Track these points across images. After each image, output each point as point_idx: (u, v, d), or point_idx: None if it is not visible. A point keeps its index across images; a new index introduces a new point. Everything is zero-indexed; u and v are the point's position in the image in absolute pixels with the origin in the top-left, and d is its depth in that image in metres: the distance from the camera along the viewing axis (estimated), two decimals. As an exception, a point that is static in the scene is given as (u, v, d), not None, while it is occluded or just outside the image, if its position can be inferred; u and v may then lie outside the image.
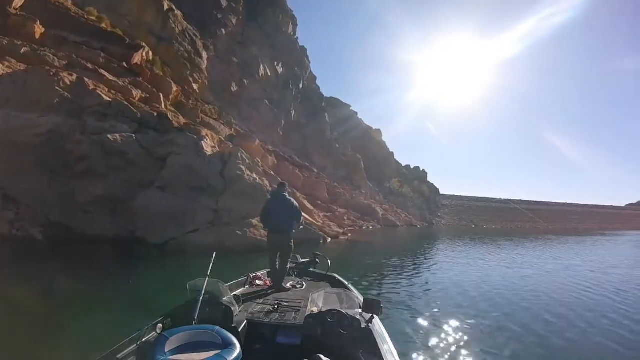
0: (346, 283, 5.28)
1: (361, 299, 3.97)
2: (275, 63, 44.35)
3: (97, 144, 13.72)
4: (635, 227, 73.73)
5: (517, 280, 12.07)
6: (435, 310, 7.56)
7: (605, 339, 6.60)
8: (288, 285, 5.07)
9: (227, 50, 37.09)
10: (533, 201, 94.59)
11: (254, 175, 16.66)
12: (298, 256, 6.08)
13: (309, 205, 25.50)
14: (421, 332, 6.14)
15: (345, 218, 31.78)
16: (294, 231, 5.45)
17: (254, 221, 15.52)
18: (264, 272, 5.54)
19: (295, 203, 5.47)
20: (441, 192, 68.78)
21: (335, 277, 5.59)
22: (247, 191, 15.70)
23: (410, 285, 10.25)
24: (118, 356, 2.59)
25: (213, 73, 33.95)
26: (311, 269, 6.02)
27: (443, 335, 6.00)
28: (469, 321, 6.90)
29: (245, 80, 37.45)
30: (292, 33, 50.95)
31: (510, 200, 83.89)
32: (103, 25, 22.27)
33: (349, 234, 24.76)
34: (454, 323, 6.65)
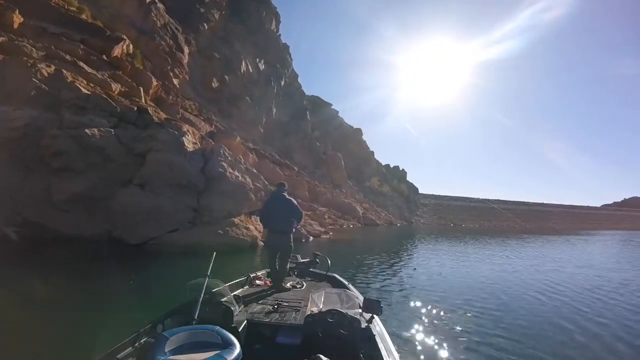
0: (346, 283, 5.30)
1: (361, 298, 4.00)
2: (257, 60, 43.93)
3: (74, 139, 13.18)
4: (610, 227, 77.04)
5: (504, 276, 12.66)
6: (430, 307, 7.66)
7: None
8: (288, 285, 5.07)
9: (209, 46, 36.51)
10: (511, 201, 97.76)
11: (237, 173, 16.40)
12: (298, 256, 6.09)
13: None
14: (419, 330, 6.17)
15: (326, 217, 31.92)
16: (294, 231, 5.43)
17: (237, 220, 15.36)
18: (264, 272, 5.54)
19: (296, 202, 5.44)
20: (420, 192, 69.97)
21: (335, 277, 5.60)
22: (229, 189, 15.42)
23: (402, 283, 10.42)
24: (118, 356, 2.58)
25: (194, 68, 33.34)
26: (311, 269, 6.04)
27: (441, 333, 6.09)
28: (465, 317, 7.09)
29: (226, 77, 36.94)
30: (274, 30, 50.58)
31: (488, 200, 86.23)
32: (83, 16, 21.48)
33: (331, 233, 24.90)
34: (451, 320, 6.83)
